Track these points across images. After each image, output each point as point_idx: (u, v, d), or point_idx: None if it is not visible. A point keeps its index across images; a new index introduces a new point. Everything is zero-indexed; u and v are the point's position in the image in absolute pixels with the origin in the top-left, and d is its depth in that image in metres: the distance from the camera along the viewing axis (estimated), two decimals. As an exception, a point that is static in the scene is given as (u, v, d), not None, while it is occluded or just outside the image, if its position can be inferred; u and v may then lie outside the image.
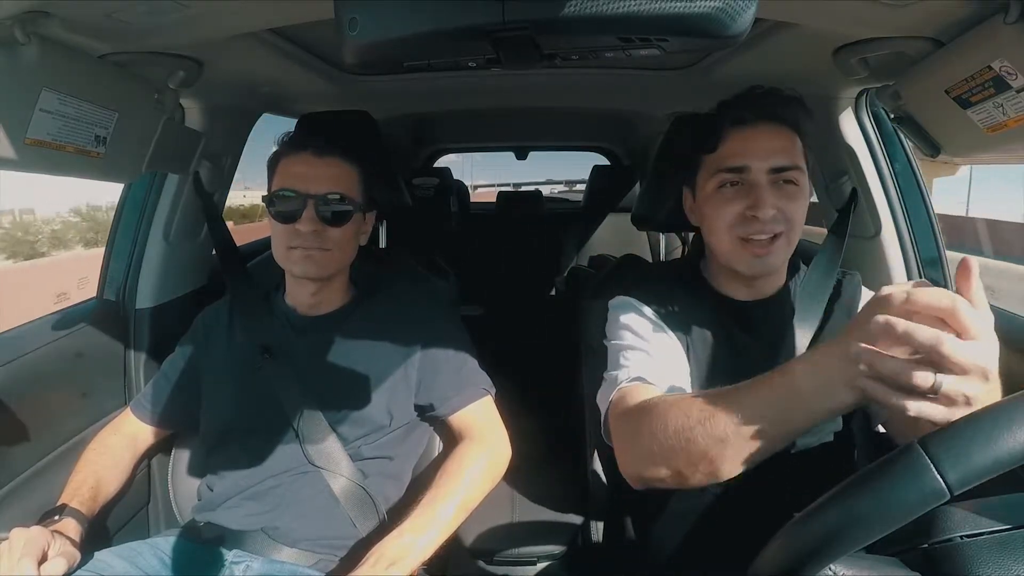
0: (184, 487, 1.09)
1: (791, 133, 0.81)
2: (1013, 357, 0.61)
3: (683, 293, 0.89)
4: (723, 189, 0.81)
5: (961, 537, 0.42)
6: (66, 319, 1.10)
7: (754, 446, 0.58)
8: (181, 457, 1.11)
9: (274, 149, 0.99)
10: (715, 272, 0.90)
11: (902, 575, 0.42)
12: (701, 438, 0.59)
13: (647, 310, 0.86)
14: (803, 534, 0.41)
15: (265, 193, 0.96)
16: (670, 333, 0.84)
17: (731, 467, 0.60)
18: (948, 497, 0.36)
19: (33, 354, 0.99)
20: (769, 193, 0.78)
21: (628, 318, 0.85)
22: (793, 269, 0.91)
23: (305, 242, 0.92)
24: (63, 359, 1.05)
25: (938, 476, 0.36)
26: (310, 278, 0.96)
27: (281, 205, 0.92)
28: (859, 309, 0.84)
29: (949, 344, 0.43)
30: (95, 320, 1.15)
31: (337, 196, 0.93)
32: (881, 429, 0.82)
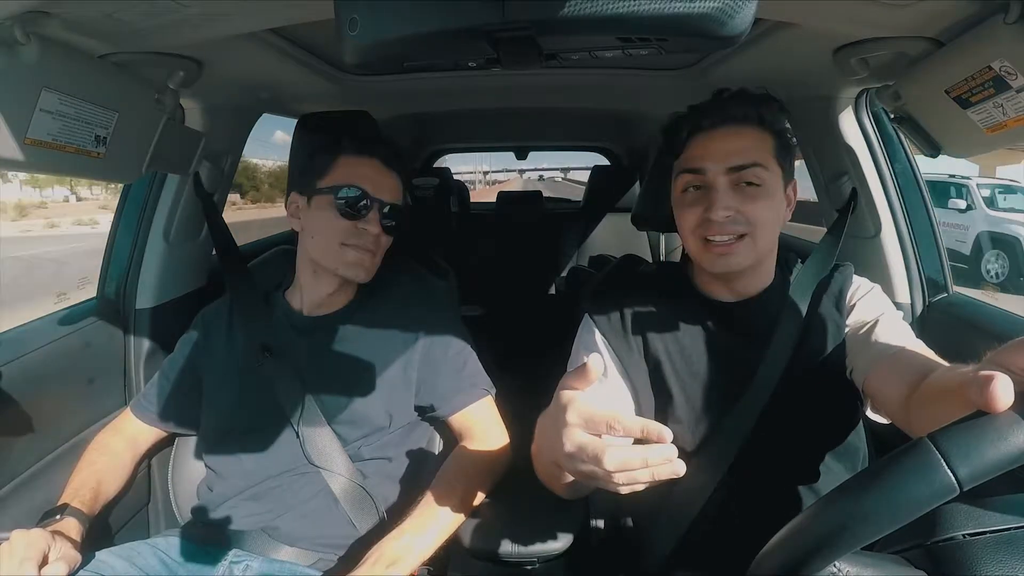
0: (184, 487, 1.09)
1: (757, 132, 0.81)
2: None
3: (668, 297, 0.90)
4: (686, 192, 0.83)
5: (964, 536, 0.42)
6: (66, 319, 1.10)
7: (560, 474, 0.70)
8: (181, 457, 1.11)
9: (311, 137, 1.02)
10: (699, 273, 0.91)
11: (907, 573, 0.42)
12: (543, 472, 0.77)
13: (611, 332, 0.88)
14: (809, 529, 0.40)
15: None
16: (630, 356, 0.87)
17: (569, 492, 0.77)
18: (958, 492, 0.36)
19: (33, 354, 0.99)
20: (726, 195, 0.79)
21: (583, 348, 0.90)
22: (784, 268, 0.91)
23: (363, 243, 0.95)
24: (63, 359, 1.05)
25: (949, 471, 0.36)
26: (353, 280, 0.98)
27: (349, 200, 0.93)
28: (849, 299, 0.85)
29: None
30: (95, 320, 1.15)
31: (398, 207, 0.98)
32: (870, 414, 0.82)
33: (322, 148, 0.99)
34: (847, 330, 0.83)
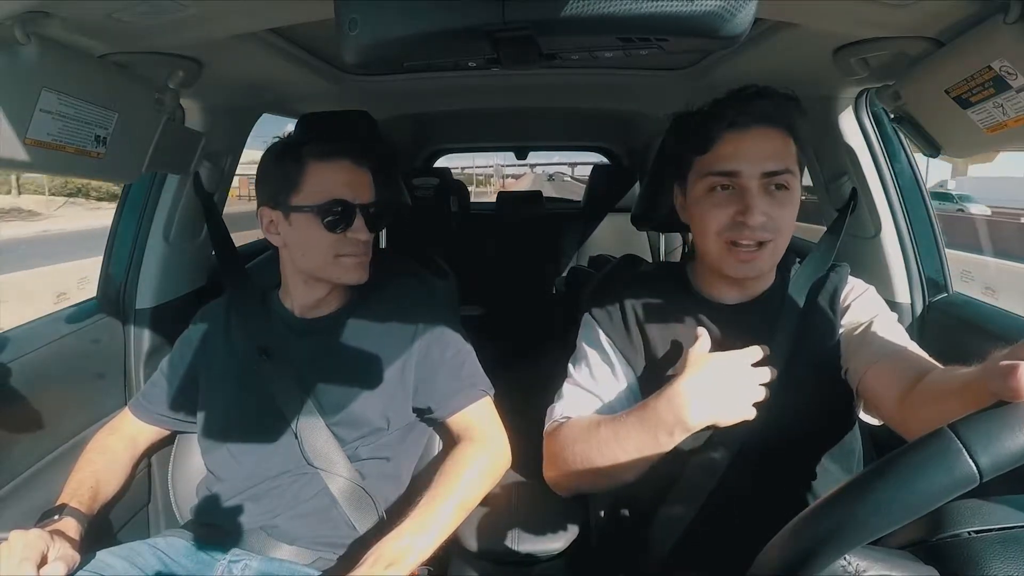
0: (184, 487, 1.09)
1: (785, 135, 0.80)
2: None
3: (667, 297, 0.90)
4: (713, 193, 0.81)
5: (969, 533, 0.42)
6: (66, 319, 1.10)
7: (637, 460, 0.76)
8: (181, 457, 1.11)
9: (274, 145, 0.97)
10: (702, 275, 0.90)
11: (916, 568, 0.42)
12: (600, 460, 0.79)
13: (614, 331, 0.89)
14: (826, 518, 0.40)
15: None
16: (634, 353, 0.88)
17: (627, 477, 0.79)
18: (979, 482, 0.35)
19: (33, 354, 0.99)
20: (760, 199, 0.77)
21: (588, 345, 0.91)
22: (784, 268, 0.91)
23: (358, 250, 0.94)
24: (63, 359, 1.05)
25: (970, 460, 0.35)
26: (355, 284, 0.98)
27: (335, 215, 0.92)
28: (842, 298, 0.85)
29: None
30: (95, 320, 1.15)
31: (378, 202, 0.96)
32: (863, 415, 0.82)
33: (286, 157, 0.93)
34: (842, 330, 0.83)
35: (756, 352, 0.75)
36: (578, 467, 0.81)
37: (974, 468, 0.35)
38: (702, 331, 0.79)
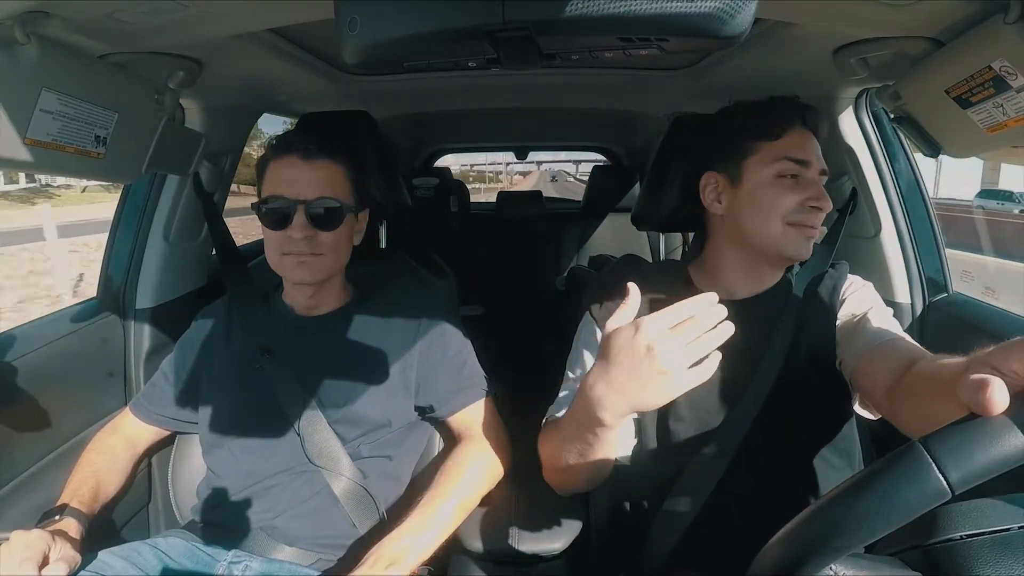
0: (184, 487, 1.09)
1: None
2: None
3: (669, 295, 0.89)
4: (783, 179, 0.84)
5: (961, 536, 0.42)
6: (66, 319, 1.10)
7: (584, 458, 0.72)
8: (181, 457, 1.11)
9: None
10: (712, 270, 0.91)
11: (903, 573, 0.42)
12: (562, 459, 0.76)
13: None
14: (804, 533, 0.41)
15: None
16: None
17: (587, 476, 0.77)
18: (950, 496, 0.36)
19: (33, 354, 0.99)
20: None
21: (585, 345, 0.92)
22: (785, 268, 0.92)
23: (297, 248, 0.91)
24: (63, 359, 1.05)
25: (940, 475, 0.36)
26: (305, 283, 0.96)
27: (271, 211, 0.91)
28: (841, 294, 0.86)
29: None
30: (95, 320, 1.15)
31: (327, 200, 0.91)
32: (858, 409, 0.83)
33: (260, 159, 0.96)
34: (837, 323, 0.85)
35: (683, 307, 0.60)
36: (553, 466, 0.81)
37: (944, 483, 0.36)
38: (631, 287, 0.65)
